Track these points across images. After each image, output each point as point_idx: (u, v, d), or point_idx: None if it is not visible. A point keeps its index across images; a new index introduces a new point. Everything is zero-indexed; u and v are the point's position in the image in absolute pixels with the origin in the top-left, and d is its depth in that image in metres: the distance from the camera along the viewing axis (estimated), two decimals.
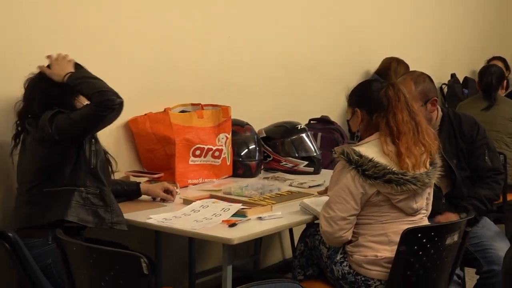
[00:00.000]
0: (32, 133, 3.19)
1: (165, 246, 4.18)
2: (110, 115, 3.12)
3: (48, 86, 3.22)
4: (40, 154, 3.16)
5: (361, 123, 3.30)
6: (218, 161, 4.20)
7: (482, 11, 7.81)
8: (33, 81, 3.27)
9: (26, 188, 3.21)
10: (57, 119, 3.10)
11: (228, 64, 4.73)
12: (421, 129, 3.22)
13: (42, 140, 3.13)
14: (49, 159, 3.16)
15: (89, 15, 3.85)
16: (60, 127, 3.09)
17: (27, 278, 2.95)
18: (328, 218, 3.18)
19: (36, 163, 3.18)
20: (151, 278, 2.53)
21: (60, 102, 3.20)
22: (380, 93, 3.22)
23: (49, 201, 3.15)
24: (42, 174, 3.18)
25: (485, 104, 5.67)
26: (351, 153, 3.13)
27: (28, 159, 3.22)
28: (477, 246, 3.81)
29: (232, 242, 3.05)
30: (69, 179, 3.17)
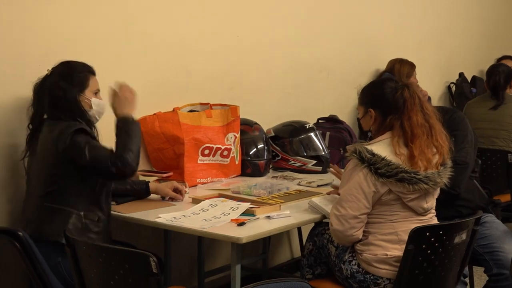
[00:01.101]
0: (45, 138, 3.22)
1: (174, 245, 4.19)
2: (114, 172, 3.17)
3: (53, 87, 3.26)
4: (51, 167, 3.19)
5: (374, 123, 3.30)
6: (227, 160, 4.21)
7: (490, 10, 7.79)
8: (40, 86, 3.31)
9: (35, 194, 3.25)
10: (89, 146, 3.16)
11: (237, 64, 4.74)
12: (434, 132, 3.22)
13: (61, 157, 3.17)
14: (57, 174, 3.19)
15: (101, 17, 3.86)
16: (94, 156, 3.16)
17: (37, 277, 2.97)
18: (339, 216, 3.18)
19: (44, 173, 3.22)
20: (160, 277, 2.54)
21: (66, 98, 3.24)
22: (396, 95, 3.22)
23: (47, 216, 3.19)
24: (47, 186, 3.20)
25: (493, 103, 5.66)
26: (363, 152, 3.13)
27: (38, 166, 3.25)
28: (485, 248, 3.80)
29: (240, 241, 3.06)
30: (72, 200, 3.21)
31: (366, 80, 5.85)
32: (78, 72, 3.31)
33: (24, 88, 3.49)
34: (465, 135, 3.81)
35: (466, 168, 3.77)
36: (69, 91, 3.26)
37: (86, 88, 3.32)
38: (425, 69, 6.22)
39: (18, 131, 3.49)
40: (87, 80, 3.33)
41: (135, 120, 3.34)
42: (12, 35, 3.48)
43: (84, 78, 3.32)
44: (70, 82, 3.27)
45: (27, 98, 3.42)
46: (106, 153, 3.19)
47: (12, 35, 3.48)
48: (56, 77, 3.28)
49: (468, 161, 3.78)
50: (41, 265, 2.98)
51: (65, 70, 3.30)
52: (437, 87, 6.98)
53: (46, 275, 2.99)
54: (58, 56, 3.56)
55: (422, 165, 3.13)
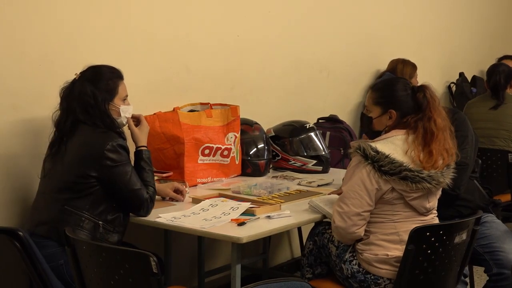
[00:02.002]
0: (81, 144, 3.23)
1: (174, 244, 4.19)
2: (143, 211, 3.33)
3: (82, 93, 3.25)
4: (82, 174, 3.20)
5: (391, 123, 3.29)
6: (227, 160, 4.21)
7: (490, 10, 7.79)
8: (69, 91, 3.29)
9: (54, 196, 3.24)
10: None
11: (237, 64, 4.74)
12: (446, 135, 3.23)
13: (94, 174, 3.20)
14: (87, 183, 3.21)
15: (101, 17, 3.86)
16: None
17: (37, 277, 2.97)
18: (342, 213, 3.18)
19: (72, 178, 3.22)
20: (160, 276, 2.54)
21: (97, 106, 3.26)
22: (419, 95, 3.22)
23: (65, 219, 3.19)
24: (73, 191, 3.21)
25: (493, 103, 5.66)
26: (367, 149, 3.13)
27: (66, 169, 3.24)
28: (485, 248, 3.80)
29: (241, 240, 3.06)
30: (93, 208, 3.22)
31: (366, 80, 5.85)
32: (108, 79, 3.31)
33: (24, 87, 3.49)
34: (465, 136, 3.81)
35: (466, 169, 3.77)
36: (99, 98, 3.26)
37: (116, 95, 3.33)
38: (426, 69, 6.22)
39: (19, 131, 3.50)
40: (117, 87, 3.33)
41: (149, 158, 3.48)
42: (12, 34, 3.48)
43: (114, 85, 3.33)
44: (100, 89, 3.26)
45: (28, 99, 3.42)
46: (143, 194, 3.28)
47: (13, 35, 3.48)
48: (85, 83, 3.26)
49: (468, 162, 3.78)
50: (41, 265, 2.98)
51: (94, 76, 3.29)
52: (438, 87, 6.97)
53: (46, 275, 2.99)
54: (58, 56, 3.58)
55: (431, 165, 3.13)
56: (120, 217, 3.30)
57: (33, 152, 3.49)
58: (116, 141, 3.21)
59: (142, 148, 3.46)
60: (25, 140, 3.52)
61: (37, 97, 3.55)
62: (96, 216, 3.21)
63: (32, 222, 3.29)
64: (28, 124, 3.51)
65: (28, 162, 3.52)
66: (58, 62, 3.46)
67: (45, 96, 3.53)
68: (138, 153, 3.45)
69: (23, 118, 3.51)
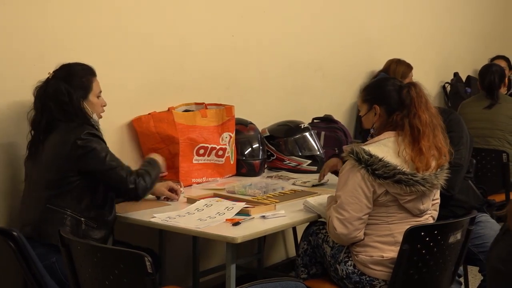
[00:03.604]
0: (55, 141, 3.22)
1: (169, 244, 4.19)
2: (129, 188, 3.28)
3: (57, 91, 3.25)
4: (60, 170, 3.20)
5: (378, 120, 3.30)
6: (222, 160, 4.21)
7: (485, 10, 7.80)
8: (43, 90, 3.29)
9: (37, 196, 3.24)
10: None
11: (232, 64, 4.74)
12: (437, 132, 3.22)
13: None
14: (65, 178, 3.20)
15: (96, 17, 3.86)
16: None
17: (31, 277, 2.96)
18: (343, 219, 3.17)
19: (51, 176, 3.22)
20: (155, 276, 2.54)
21: (72, 103, 3.25)
22: (403, 92, 3.23)
23: (48, 218, 3.19)
24: (52, 189, 3.21)
25: (488, 103, 5.67)
26: (360, 152, 3.13)
27: (45, 168, 3.24)
28: (480, 247, 3.81)
29: (235, 240, 3.06)
30: (74, 205, 3.22)
31: (361, 80, 5.86)
32: (81, 76, 3.32)
33: (19, 88, 3.49)
34: (460, 136, 3.81)
35: (461, 170, 3.77)
36: (74, 96, 3.26)
37: (90, 92, 3.34)
38: (421, 69, 6.22)
39: (13, 131, 3.49)
40: (91, 84, 3.34)
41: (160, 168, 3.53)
42: (8, 34, 3.47)
43: (88, 83, 3.33)
44: (74, 87, 3.27)
45: (23, 99, 3.41)
46: (126, 167, 3.28)
47: (8, 35, 3.47)
48: (59, 81, 3.27)
49: (463, 163, 3.78)
50: (36, 265, 2.98)
51: (67, 74, 3.29)
52: (432, 87, 6.98)
53: (40, 275, 2.99)
54: (54, 56, 3.57)
55: (422, 165, 3.13)
56: (104, 214, 3.29)
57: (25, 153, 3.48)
58: (87, 130, 3.21)
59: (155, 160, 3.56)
60: (19, 140, 3.51)
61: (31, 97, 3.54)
62: (78, 213, 3.21)
63: (19, 224, 3.30)
64: (23, 124, 3.50)
65: (19, 162, 3.50)
66: (53, 62, 3.45)
67: None
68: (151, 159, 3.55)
69: (18, 118, 3.50)
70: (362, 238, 3.22)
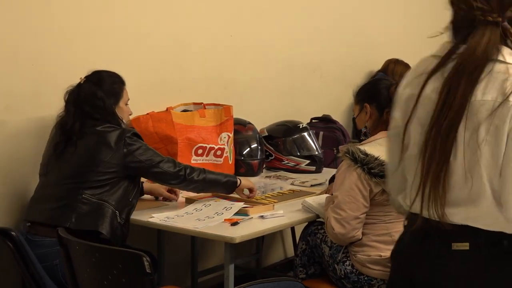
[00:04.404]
0: (94, 140, 3.24)
1: (168, 244, 4.19)
2: (182, 174, 3.35)
3: (91, 95, 3.30)
4: (102, 159, 3.21)
5: (369, 119, 3.31)
6: (220, 160, 4.21)
7: None
8: (76, 95, 3.31)
9: (62, 184, 3.22)
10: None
11: (230, 64, 4.74)
12: None
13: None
14: (107, 172, 3.21)
15: (95, 17, 3.86)
16: None
17: (30, 277, 2.96)
18: (340, 219, 3.17)
19: (90, 163, 3.21)
20: (153, 276, 2.54)
21: (105, 108, 3.30)
22: (391, 89, 3.23)
23: (85, 207, 3.17)
24: (88, 176, 3.20)
25: None
26: (356, 152, 3.13)
27: (81, 156, 3.24)
28: None
29: (234, 240, 3.06)
30: (111, 198, 3.22)
31: (359, 80, 5.84)
32: (113, 83, 3.37)
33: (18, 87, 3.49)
34: None
35: None
36: (107, 101, 3.31)
37: (121, 99, 3.39)
38: None
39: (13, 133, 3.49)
40: (122, 91, 3.40)
41: (234, 187, 3.56)
42: (5, 34, 3.47)
43: (119, 89, 3.39)
44: (105, 92, 3.32)
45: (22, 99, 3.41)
46: (171, 162, 3.35)
47: (6, 35, 3.47)
48: (92, 86, 3.30)
49: None
50: (34, 265, 2.98)
51: (99, 80, 3.34)
52: None
53: (39, 275, 2.99)
54: (52, 56, 3.58)
55: None
56: (129, 212, 3.31)
57: (26, 152, 3.48)
58: (131, 131, 3.29)
59: (239, 179, 3.60)
60: (19, 140, 3.51)
61: (30, 97, 3.54)
62: (114, 207, 3.21)
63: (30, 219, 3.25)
64: (21, 124, 3.50)
65: (21, 162, 3.52)
66: (51, 62, 3.46)
67: (39, 96, 3.53)
68: (234, 176, 3.64)
69: (16, 118, 3.50)
70: (360, 238, 3.22)
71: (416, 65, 2.27)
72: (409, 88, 2.21)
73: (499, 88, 2.01)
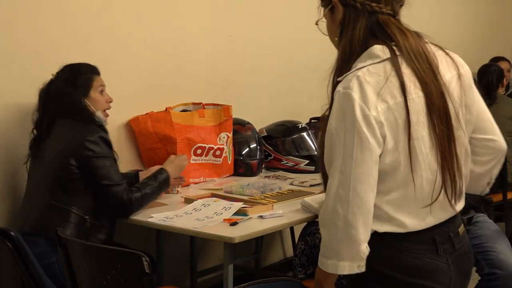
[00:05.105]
0: (59, 140, 3.24)
1: (167, 244, 4.19)
2: (110, 200, 3.26)
3: (59, 91, 3.29)
4: (64, 169, 3.20)
5: None
6: (219, 160, 4.21)
7: (483, 11, 7.80)
8: (45, 92, 3.33)
9: (40, 193, 3.25)
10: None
11: (229, 64, 4.74)
12: None
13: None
14: (69, 176, 3.21)
15: (93, 17, 3.86)
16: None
17: (29, 276, 2.96)
18: None
19: (55, 175, 3.22)
20: (152, 276, 2.54)
21: (73, 103, 3.28)
22: None
23: (52, 214, 3.19)
24: (56, 187, 3.21)
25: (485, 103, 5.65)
26: None
27: (49, 167, 3.25)
28: (477, 247, 3.81)
29: (233, 240, 3.06)
30: (79, 203, 3.22)
31: None
32: (82, 75, 3.35)
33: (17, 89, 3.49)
34: None
35: None
36: (74, 94, 3.29)
37: (91, 89, 3.35)
38: None
39: (12, 132, 3.49)
40: (92, 81, 3.37)
41: (168, 183, 3.51)
42: (3, 34, 3.47)
43: (89, 80, 3.36)
44: (76, 86, 3.30)
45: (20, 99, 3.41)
46: (119, 191, 3.24)
47: (4, 35, 3.48)
48: (61, 82, 3.30)
49: None
50: (33, 265, 2.98)
51: (69, 74, 3.33)
52: None
53: (38, 275, 2.99)
54: (51, 56, 3.58)
55: None
56: (108, 216, 3.31)
57: (24, 153, 3.48)
58: (97, 133, 3.23)
59: (164, 170, 3.52)
60: (18, 141, 3.51)
61: (28, 97, 3.54)
62: (83, 211, 3.21)
63: (22, 221, 3.30)
64: (21, 124, 3.50)
65: (17, 162, 3.51)
66: (51, 63, 3.45)
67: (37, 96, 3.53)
68: (159, 170, 3.51)
69: (16, 118, 3.50)
70: None
71: (366, 83, 2.09)
72: (382, 104, 2.07)
73: (452, 64, 2.24)
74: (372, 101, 2.04)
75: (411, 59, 2.11)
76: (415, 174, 2.09)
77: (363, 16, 2.19)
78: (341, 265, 2.08)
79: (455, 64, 2.26)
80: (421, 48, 2.14)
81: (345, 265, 2.08)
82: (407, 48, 2.11)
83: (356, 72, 2.12)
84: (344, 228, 2.04)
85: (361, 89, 2.06)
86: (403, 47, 2.11)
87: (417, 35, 2.20)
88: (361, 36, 2.18)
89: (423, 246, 2.16)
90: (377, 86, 2.06)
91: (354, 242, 2.05)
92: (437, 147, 2.09)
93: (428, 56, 2.14)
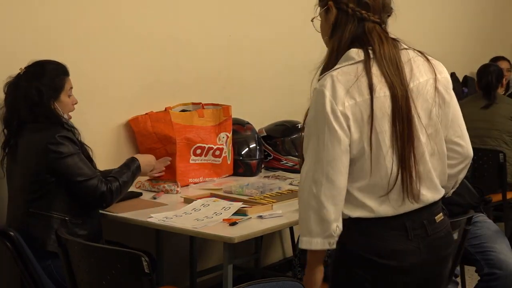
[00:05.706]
0: (28, 144, 3.18)
1: (166, 245, 4.19)
2: (89, 195, 3.21)
3: (28, 90, 3.18)
4: (34, 175, 3.16)
5: None
6: (219, 160, 4.21)
7: (482, 11, 7.80)
8: (13, 87, 3.23)
9: (18, 200, 3.22)
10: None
11: (229, 63, 4.74)
12: None
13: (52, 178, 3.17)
14: (40, 181, 3.16)
15: (92, 17, 3.86)
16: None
17: (29, 277, 2.96)
18: None
19: (28, 180, 3.18)
20: (152, 276, 2.54)
21: (41, 105, 3.18)
22: None
23: (33, 222, 3.16)
24: (31, 193, 3.17)
25: (485, 103, 5.67)
26: None
27: (21, 172, 3.22)
28: (477, 248, 3.81)
29: (233, 240, 3.06)
30: (56, 205, 3.18)
31: None
32: (53, 76, 3.24)
33: None
34: None
35: None
36: (45, 96, 3.18)
37: (62, 92, 3.26)
38: None
39: None
40: (64, 84, 3.27)
41: (139, 172, 3.49)
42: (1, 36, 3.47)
43: (61, 83, 3.26)
44: (45, 86, 3.19)
45: None
46: (95, 183, 3.19)
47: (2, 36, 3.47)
48: (30, 79, 3.19)
49: None
50: (33, 265, 2.98)
51: (39, 73, 3.22)
52: None
53: (38, 275, 2.99)
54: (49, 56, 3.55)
55: None
56: (87, 210, 3.27)
57: None
58: (59, 133, 3.14)
59: (135, 158, 3.49)
60: None
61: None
62: (62, 213, 3.17)
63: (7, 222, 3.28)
64: None
65: None
66: None
67: None
68: (130, 159, 3.48)
69: None
70: None
71: (337, 81, 2.36)
72: (350, 100, 2.31)
73: (429, 69, 2.46)
74: (340, 97, 2.30)
75: (383, 63, 2.34)
76: (379, 163, 2.29)
77: (353, 21, 2.44)
78: (314, 241, 2.33)
79: (433, 69, 2.50)
80: (393, 55, 2.39)
81: (318, 241, 2.33)
82: (381, 53, 2.36)
83: (332, 72, 2.38)
84: (317, 207, 2.29)
85: (332, 87, 2.33)
86: (377, 52, 2.36)
87: (395, 43, 2.48)
88: (347, 39, 2.43)
89: (393, 231, 2.33)
90: (347, 84, 2.31)
91: (325, 221, 2.29)
92: (398, 143, 2.28)
93: (399, 62, 2.39)
